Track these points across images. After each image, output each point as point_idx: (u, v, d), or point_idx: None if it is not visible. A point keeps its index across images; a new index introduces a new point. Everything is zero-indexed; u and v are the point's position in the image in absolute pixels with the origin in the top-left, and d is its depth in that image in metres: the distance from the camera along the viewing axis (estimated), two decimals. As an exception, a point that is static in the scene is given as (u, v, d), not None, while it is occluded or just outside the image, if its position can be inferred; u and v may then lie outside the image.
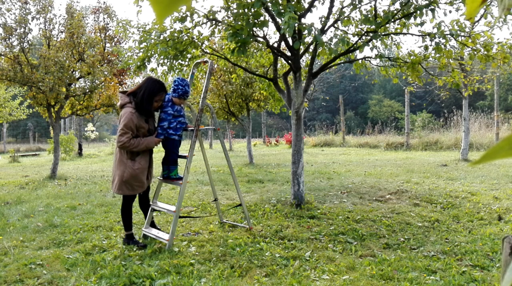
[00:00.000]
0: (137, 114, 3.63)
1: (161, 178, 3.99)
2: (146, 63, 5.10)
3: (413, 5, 4.54)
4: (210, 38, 5.33)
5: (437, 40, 4.61)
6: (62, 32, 8.78)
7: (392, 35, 5.27)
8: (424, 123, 20.56)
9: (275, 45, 5.22)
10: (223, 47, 6.80)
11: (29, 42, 8.34)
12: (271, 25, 4.88)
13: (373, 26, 4.48)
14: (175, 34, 4.70)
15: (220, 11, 4.60)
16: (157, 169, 4.88)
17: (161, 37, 4.71)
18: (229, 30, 4.14)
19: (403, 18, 4.77)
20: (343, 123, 19.55)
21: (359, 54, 5.88)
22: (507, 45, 4.91)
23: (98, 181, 8.32)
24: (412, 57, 5.22)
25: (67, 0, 8.70)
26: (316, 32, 4.02)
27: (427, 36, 4.68)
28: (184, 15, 4.52)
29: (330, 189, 6.49)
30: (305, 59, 7.36)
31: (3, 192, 7.02)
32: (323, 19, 4.89)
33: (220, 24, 4.79)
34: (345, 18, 5.17)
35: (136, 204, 4.14)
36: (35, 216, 5.00)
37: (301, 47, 5.01)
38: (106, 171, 10.58)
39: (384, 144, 16.04)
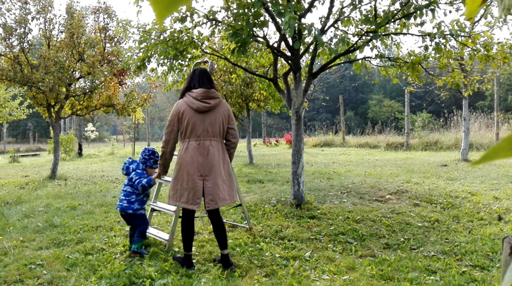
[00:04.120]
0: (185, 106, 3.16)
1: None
2: (146, 63, 5.10)
3: (413, 5, 4.53)
4: (210, 38, 5.33)
5: (437, 40, 4.61)
6: (62, 32, 8.78)
7: (392, 35, 5.27)
8: (424, 123, 20.54)
9: (275, 45, 5.22)
10: (223, 47, 6.80)
11: (29, 42, 8.34)
12: (271, 25, 4.88)
13: (373, 26, 4.48)
14: (175, 34, 4.70)
15: (220, 11, 4.60)
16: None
17: (161, 37, 4.71)
18: (229, 30, 4.14)
19: (403, 18, 4.77)
20: (343, 123, 19.55)
21: (359, 54, 5.88)
22: (507, 45, 4.91)
23: (98, 181, 8.32)
24: (412, 57, 5.22)
25: (67, 0, 8.70)
26: (316, 32, 4.02)
27: (427, 36, 4.68)
28: (184, 15, 4.51)
29: (330, 189, 6.49)
30: (305, 59, 7.35)
31: (3, 192, 7.02)
32: (323, 19, 4.89)
33: (220, 24, 4.79)
34: (345, 18, 5.16)
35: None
36: (35, 216, 5.00)
37: (301, 47, 5.01)
38: (106, 171, 10.58)
39: (384, 144, 16.03)
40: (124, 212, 3.52)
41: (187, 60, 5.25)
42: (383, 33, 4.94)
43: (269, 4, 4.10)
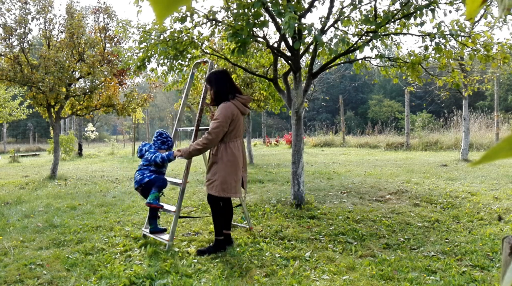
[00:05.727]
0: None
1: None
2: (146, 63, 5.10)
3: (413, 5, 4.53)
4: (210, 38, 5.32)
5: (437, 40, 4.61)
6: (62, 32, 8.78)
7: (392, 35, 5.27)
8: (424, 123, 20.53)
9: (275, 45, 5.22)
10: (223, 47, 6.80)
11: (29, 42, 8.34)
12: (271, 25, 4.88)
13: (373, 26, 4.48)
14: (175, 34, 4.70)
15: (220, 11, 4.60)
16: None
17: (161, 37, 4.70)
18: (229, 30, 4.14)
19: (403, 18, 4.77)
20: (343, 123, 19.55)
21: (359, 54, 5.88)
22: (507, 45, 4.91)
23: (98, 181, 8.32)
24: (412, 57, 5.22)
25: (67, 0, 8.70)
26: (316, 32, 4.02)
27: (427, 36, 4.68)
28: (184, 15, 4.51)
29: (330, 189, 6.49)
30: (305, 59, 7.36)
31: (3, 192, 7.02)
32: (323, 19, 4.89)
33: (220, 24, 4.79)
34: (345, 18, 5.16)
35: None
36: (35, 216, 5.00)
37: (301, 47, 5.01)
38: (106, 171, 10.58)
39: (384, 144, 16.04)
40: (141, 186, 3.74)
41: (187, 60, 5.24)
42: (383, 33, 4.94)
43: (269, 4, 4.10)
